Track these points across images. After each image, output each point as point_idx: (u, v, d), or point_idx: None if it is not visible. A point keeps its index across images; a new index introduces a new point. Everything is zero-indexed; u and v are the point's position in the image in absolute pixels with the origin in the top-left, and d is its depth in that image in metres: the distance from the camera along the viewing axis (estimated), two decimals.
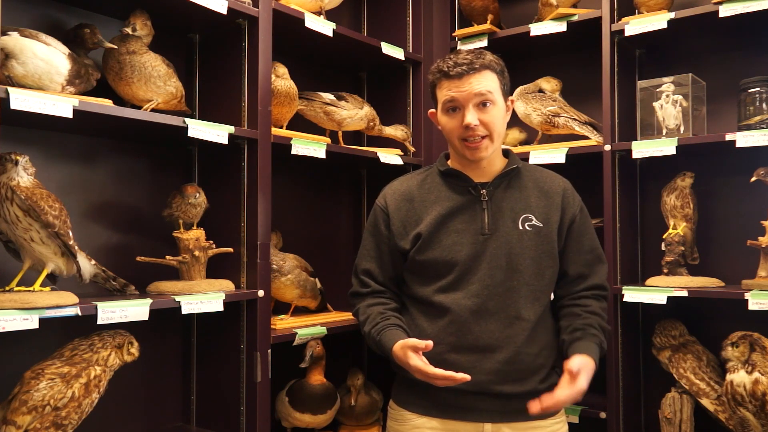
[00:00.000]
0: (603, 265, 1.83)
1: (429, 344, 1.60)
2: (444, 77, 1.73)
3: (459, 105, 1.71)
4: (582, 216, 1.82)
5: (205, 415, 2.09)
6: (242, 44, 2.02)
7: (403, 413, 1.78)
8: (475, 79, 1.69)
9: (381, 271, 1.83)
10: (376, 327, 1.75)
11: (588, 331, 1.71)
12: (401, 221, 1.80)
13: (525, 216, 1.75)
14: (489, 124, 1.71)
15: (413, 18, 2.67)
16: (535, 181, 1.81)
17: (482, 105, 1.71)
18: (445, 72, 1.72)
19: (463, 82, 1.70)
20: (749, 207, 2.31)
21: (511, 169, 1.79)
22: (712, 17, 2.13)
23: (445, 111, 1.75)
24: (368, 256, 1.85)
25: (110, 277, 1.79)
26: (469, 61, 1.71)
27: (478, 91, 1.69)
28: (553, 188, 1.81)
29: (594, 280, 1.80)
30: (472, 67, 1.70)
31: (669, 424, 2.19)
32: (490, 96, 1.70)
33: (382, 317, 1.76)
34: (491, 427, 1.70)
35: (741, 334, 1.97)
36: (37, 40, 1.63)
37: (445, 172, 1.81)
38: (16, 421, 1.49)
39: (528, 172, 1.84)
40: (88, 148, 1.95)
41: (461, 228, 1.74)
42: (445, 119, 1.76)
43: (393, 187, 1.88)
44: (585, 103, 2.58)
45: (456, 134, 1.74)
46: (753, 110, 2.17)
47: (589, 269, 1.80)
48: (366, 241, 1.88)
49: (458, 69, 1.70)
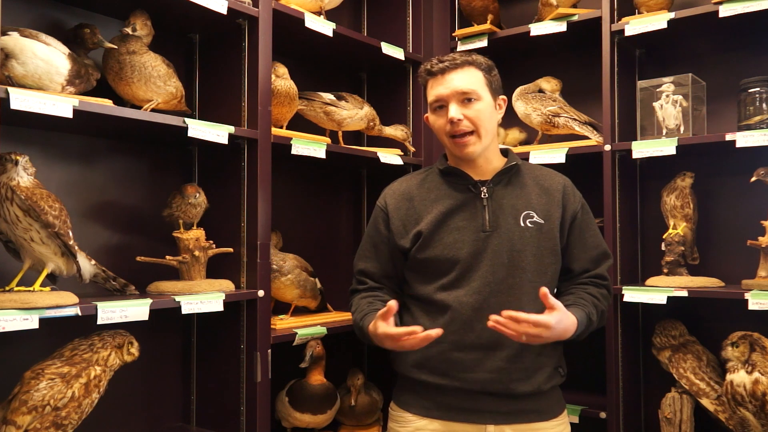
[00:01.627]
0: (608, 259, 1.84)
1: (392, 305, 1.59)
2: (429, 76, 1.78)
3: (443, 102, 1.75)
4: (584, 212, 1.83)
5: (205, 415, 2.09)
6: (242, 44, 2.02)
7: (405, 415, 1.78)
8: (456, 75, 1.73)
9: (378, 270, 1.85)
10: (361, 313, 1.76)
11: (578, 302, 1.72)
12: (401, 220, 1.81)
13: (526, 213, 1.75)
14: (474, 119, 1.72)
15: (413, 18, 2.67)
16: (535, 179, 1.82)
17: (466, 101, 1.73)
18: (429, 70, 1.78)
19: (446, 78, 1.74)
20: (749, 207, 2.31)
21: (510, 167, 1.79)
22: (712, 17, 2.13)
23: (433, 110, 1.79)
24: (365, 257, 1.87)
25: (110, 277, 1.79)
26: (452, 58, 1.76)
27: (460, 86, 1.72)
28: (553, 185, 1.81)
29: (596, 271, 1.82)
30: (453, 64, 1.74)
31: (669, 424, 2.19)
32: (473, 92, 1.72)
33: (368, 305, 1.78)
34: (494, 428, 1.70)
35: (741, 334, 1.97)
36: (37, 40, 1.63)
37: (444, 171, 1.82)
38: (16, 421, 1.49)
39: (527, 169, 1.84)
40: (88, 148, 1.95)
41: (462, 225, 1.74)
42: (433, 118, 1.80)
43: (393, 188, 1.89)
44: (585, 103, 2.58)
45: (444, 131, 1.76)
46: (753, 110, 2.17)
47: (593, 265, 1.81)
48: (364, 241, 1.90)
49: (440, 65, 1.75)
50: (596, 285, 1.81)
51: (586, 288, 1.79)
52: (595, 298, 1.77)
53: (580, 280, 1.81)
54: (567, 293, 1.79)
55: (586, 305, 1.72)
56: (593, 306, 1.74)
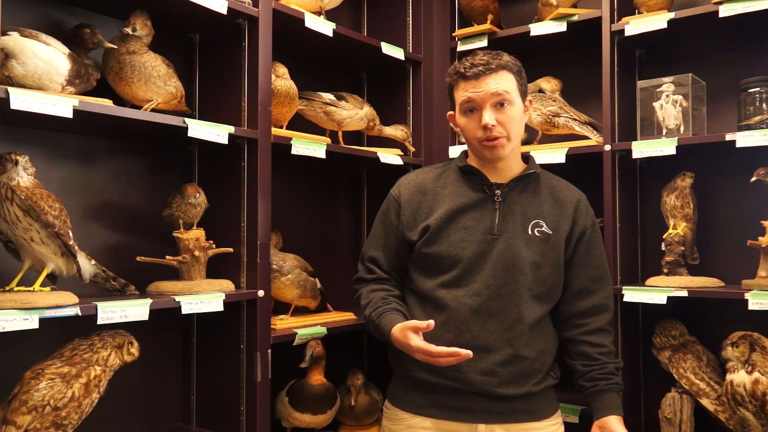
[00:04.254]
0: (608, 284, 1.83)
1: (430, 323, 1.60)
2: (461, 78, 1.73)
3: (476, 106, 1.71)
4: (593, 231, 1.81)
5: (205, 415, 2.09)
6: (242, 44, 2.02)
7: (398, 413, 1.79)
8: (492, 79, 1.70)
9: (387, 259, 1.84)
10: (376, 311, 1.75)
11: (610, 380, 1.74)
12: (412, 212, 1.80)
13: (536, 221, 1.74)
14: (506, 124, 1.71)
15: (413, 18, 2.67)
16: (550, 189, 1.81)
17: (499, 105, 1.70)
18: (462, 73, 1.73)
19: (480, 82, 1.70)
20: (749, 207, 2.30)
21: (528, 174, 1.78)
22: (712, 17, 2.13)
23: (463, 112, 1.75)
24: (376, 244, 1.86)
25: (110, 277, 1.79)
26: (485, 61, 1.71)
27: (495, 91, 1.69)
28: (567, 198, 1.80)
29: (597, 300, 1.79)
30: (488, 68, 1.70)
31: (669, 424, 2.19)
32: (507, 96, 1.70)
33: (383, 302, 1.76)
34: (485, 427, 1.70)
35: (741, 334, 1.97)
36: (37, 40, 1.63)
37: (463, 168, 1.81)
38: (16, 421, 1.49)
39: (545, 179, 1.83)
40: (88, 148, 1.95)
41: (470, 225, 1.74)
42: (463, 120, 1.76)
43: (409, 178, 1.88)
44: (585, 103, 2.58)
45: (474, 135, 1.73)
46: (753, 110, 2.17)
47: (593, 284, 1.79)
48: (375, 229, 1.88)
49: (475, 70, 1.70)
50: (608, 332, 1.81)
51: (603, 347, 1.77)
52: (613, 360, 1.78)
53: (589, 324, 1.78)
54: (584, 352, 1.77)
55: (617, 383, 1.76)
56: (617, 372, 1.77)
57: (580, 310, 1.79)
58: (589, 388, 1.75)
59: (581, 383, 1.78)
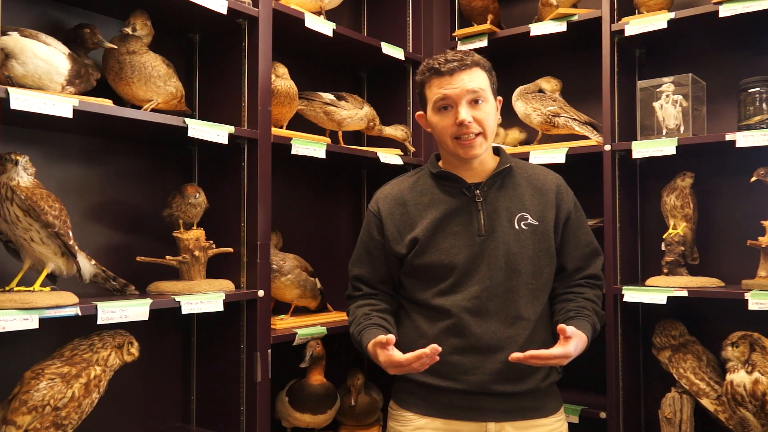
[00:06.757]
0: (599, 257, 1.84)
1: (391, 338, 1.59)
2: (435, 75, 1.72)
3: (451, 102, 1.70)
4: (576, 210, 1.83)
5: (205, 415, 2.09)
6: (242, 44, 2.02)
7: (405, 414, 1.78)
8: (467, 75, 1.69)
9: (372, 275, 1.84)
10: (357, 327, 1.76)
11: (581, 312, 1.72)
12: (395, 226, 1.79)
13: (521, 215, 1.74)
14: (482, 121, 1.70)
15: (413, 18, 2.67)
16: (527, 179, 1.81)
17: (474, 102, 1.70)
18: (436, 69, 1.71)
19: (455, 78, 1.69)
20: (749, 207, 2.31)
21: (503, 169, 1.78)
22: (712, 17, 2.13)
23: (437, 110, 1.73)
24: (359, 262, 1.86)
25: (110, 277, 1.79)
26: (459, 57, 1.70)
27: (471, 87, 1.68)
28: (546, 185, 1.80)
29: (590, 271, 1.82)
30: (463, 64, 1.69)
31: (669, 424, 2.19)
32: (482, 93, 1.70)
33: (365, 317, 1.77)
34: (494, 426, 1.70)
35: (741, 334, 1.97)
36: (37, 40, 1.63)
37: (437, 175, 1.79)
38: (16, 421, 1.49)
39: (520, 169, 1.83)
40: (88, 148, 1.95)
41: (458, 231, 1.73)
42: (436, 119, 1.74)
43: (384, 192, 1.86)
44: (585, 103, 2.58)
45: (449, 133, 1.72)
46: (753, 110, 2.17)
47: (586, 262, 1.81)
48: (358, 247, 1.88)
49: (449, 65, 1.69)
50: (591, 286, 1.81)
51: (583, 292, 1.78)
52: (593, 303, 1.77)
53: (575, 281, 1.80)
54: (565, 298, 1.78)
55: (589, 315, 1.72)
56: (594, 313, 1.75)
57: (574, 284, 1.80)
58: (561, 321, 1.70)
59: (556, 319, 1.74)
